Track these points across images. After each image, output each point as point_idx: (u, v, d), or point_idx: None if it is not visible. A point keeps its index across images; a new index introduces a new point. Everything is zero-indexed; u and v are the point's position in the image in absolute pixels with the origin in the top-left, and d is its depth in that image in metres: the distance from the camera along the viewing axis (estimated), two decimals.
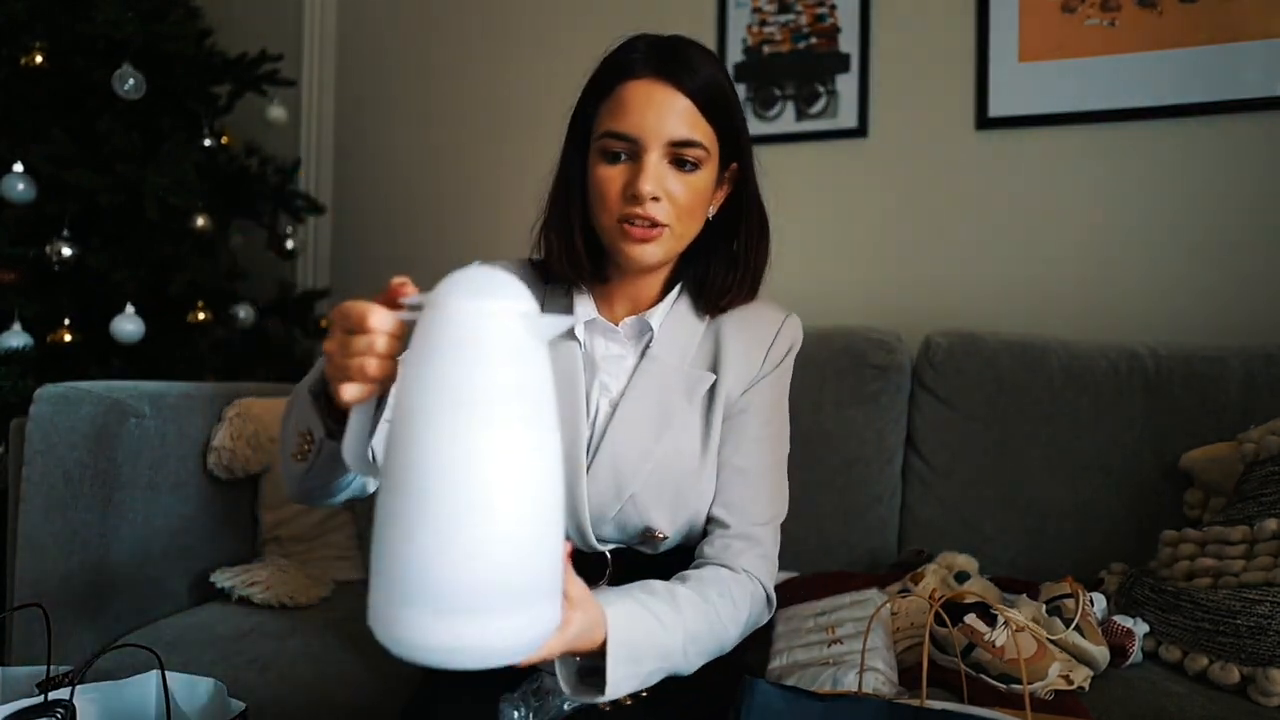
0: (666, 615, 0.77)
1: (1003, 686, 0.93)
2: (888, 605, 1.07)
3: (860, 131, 1.81)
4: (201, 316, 1.79)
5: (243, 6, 2.29)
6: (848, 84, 1.81)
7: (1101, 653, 1.00)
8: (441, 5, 2.17)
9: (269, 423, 1.45)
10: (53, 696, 0.82)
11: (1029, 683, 0.92)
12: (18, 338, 1.54)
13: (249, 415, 1.43)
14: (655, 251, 0.87)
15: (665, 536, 0.92)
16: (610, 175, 0.85)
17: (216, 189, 1.84)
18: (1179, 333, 1.55)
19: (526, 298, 0.53)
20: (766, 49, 1.87)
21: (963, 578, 1.15)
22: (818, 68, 1.83)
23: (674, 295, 0.96)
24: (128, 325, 1.63)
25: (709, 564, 0.90)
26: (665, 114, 0.83)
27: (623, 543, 0.95)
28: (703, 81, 0.84)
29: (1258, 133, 1.56)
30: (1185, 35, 1.59)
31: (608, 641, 0.70)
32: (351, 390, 0.60)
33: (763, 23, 1.88)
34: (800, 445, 1.01)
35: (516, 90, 2.09)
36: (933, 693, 0.92)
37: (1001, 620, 0.97)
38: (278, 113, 2.01)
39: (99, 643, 1.22)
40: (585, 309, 0.94)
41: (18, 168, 1.56)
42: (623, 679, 0.72)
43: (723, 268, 0.93)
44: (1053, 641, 0.98)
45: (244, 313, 1.90)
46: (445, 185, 2.17)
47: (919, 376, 1.51)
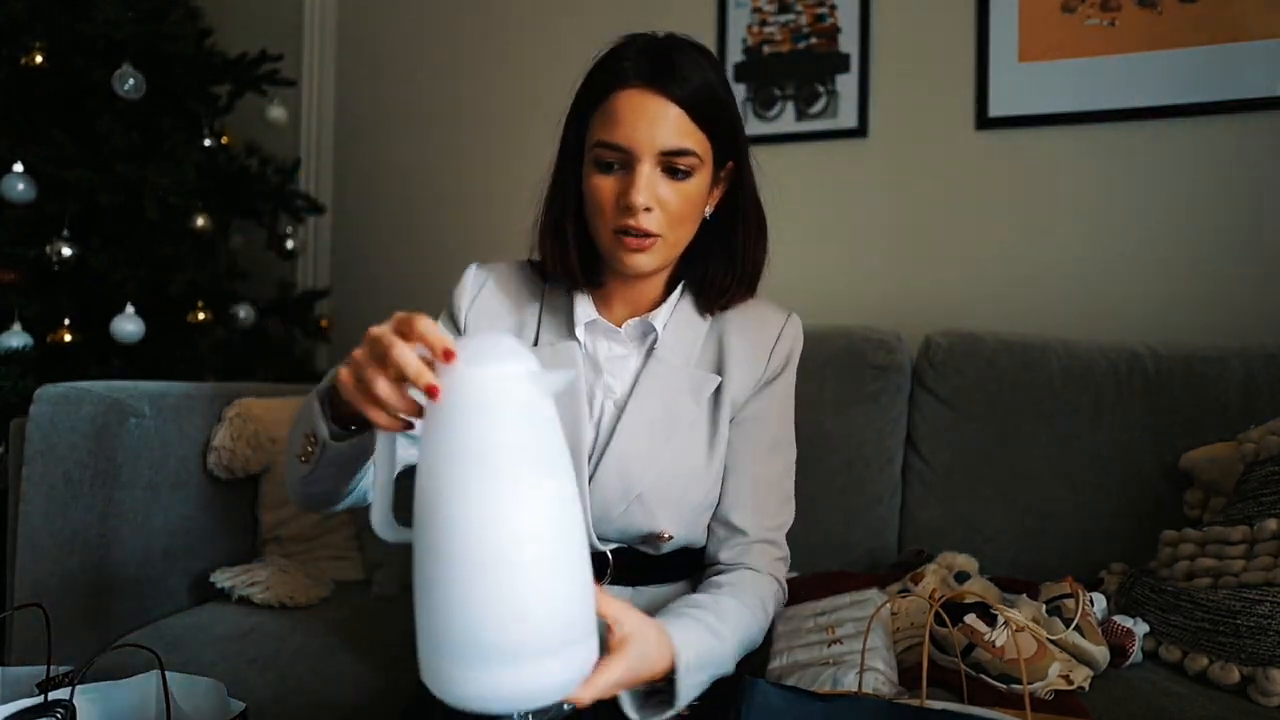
0: (719, 628, 0.79)
1: (1003, 686, 0.93)
2: (888, 605, 1.06)
3: (860, 131, 1.81)
4: (201, 316, 1.79)
5: (243, 6, 2.30)
6: (848, 84, 1.81)
7: (1101, 653, 1.00)
8: (441, 5, 2.17)
9: (269, 423, 1.45)
10: (53, 696, 0.82)
11: (1029, 683, 0.92)
12: (18, 338, 1.54)
13: (249, 415, 1.43)
14: (650, 260, 0.87)
15: (671, 537, 0.93)
16: (604, 185, 0.85)
17: (216, 189, 1.84)
18: (1179, 333, 1.55)
19: (531, 359, 0.57)
20: (766, 49, 1.87)
21: (963, 578, 1.15)
22: (818, 68, 1.83)
23: (676, 296, 0.96)
24: (128, 325, 1.63)
25: (733, 568, 0.92)
26: (656, 124, 0.82)
27: (624, 543, 0.95)
28: (693, 88, 0.83)
29: (1258, 133, 1.56)
30: (1185, 35, 1.59)
31: (677, 667, 0.72)
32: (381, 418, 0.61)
33: (763, 23, 1.88)
34: (800, 445, 1.02)
35: (516, 90, 2.09)
36: (933, 693, 0.92)
37: (1001, 620, 0.97)
38: (278, 113, 2.01)
39: (99, 643, 1.22)
40: (585, 310, 0.94)
41: (18, 168, 1.56)
42: (688, 693, 0.74)
43: (721, 266, 0.94)
44: (1053, 641, 0.98)
45: (244, 313, 1.90)
46: (445, 185, 2.17)
47: (919, 376, 1.51)
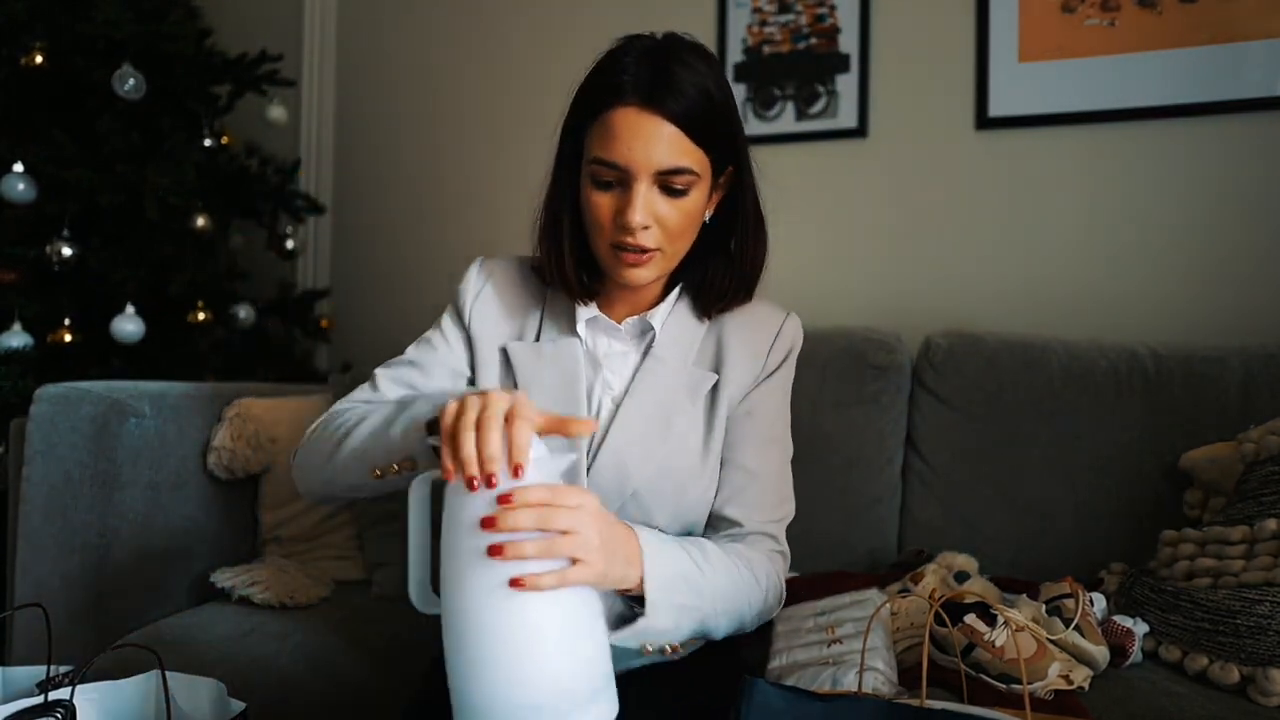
0: (696, 554, 0.80)
1: (1003, 686, 0.93)
2: (887, 605, 1.06)
3: (860, 131, 1.81)
4: (201, 316, 1.79)
5: (243, 6, 2.30)
6: (848, 84, 1.81)
7: (1101, 653, 1.00)
8: (441, 5, 2.17)
9: (269, 423, 1.45)
10: (53, 696, 0.82)
11: (1029, 683, 0.92)
12: (18, 338, 1.54)
13: (249, 415, 1.43)
14: (649, 273, 0.88)
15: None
16: (601, 202, 0.85)
17: (216, 189, 1.84)
18: (1179, 333, 1.55)
19: (539, 445, 0.64)
20: (766, 49, 1.87)
21: (963, 578, 1.15)
22: (818, 68, 1.83)
23: (674, 296, 0.96)
24: (128, 325, 1.63)
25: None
26: (652, 144, 0.81)
27: None
28: (690, 103, 0.82)
29: (1258, 133, 1.56)
30: (1185, 35, 1.59)
31: (643, 555, 0.73)
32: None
33: (763, 23, 1.88)
34: (800, 445, 1.02)
35: (516, 90, 2.09)
36: (933, 693, 0.92)
37: (1001, 620, 0.97)
38: (278, 113, 2.01)
39: (99, 643, 1.22)
40: (587, 308, 0.94)
41: (18, 168, 1.56)
42: (660, 600, 0.74)
43: (720, 270, 0.94)
44: (1053, 641, 0.98)
45: (244, 313, 1.90)
46: (445, 185, 2.17)
47: (919, 377, 1.51)
